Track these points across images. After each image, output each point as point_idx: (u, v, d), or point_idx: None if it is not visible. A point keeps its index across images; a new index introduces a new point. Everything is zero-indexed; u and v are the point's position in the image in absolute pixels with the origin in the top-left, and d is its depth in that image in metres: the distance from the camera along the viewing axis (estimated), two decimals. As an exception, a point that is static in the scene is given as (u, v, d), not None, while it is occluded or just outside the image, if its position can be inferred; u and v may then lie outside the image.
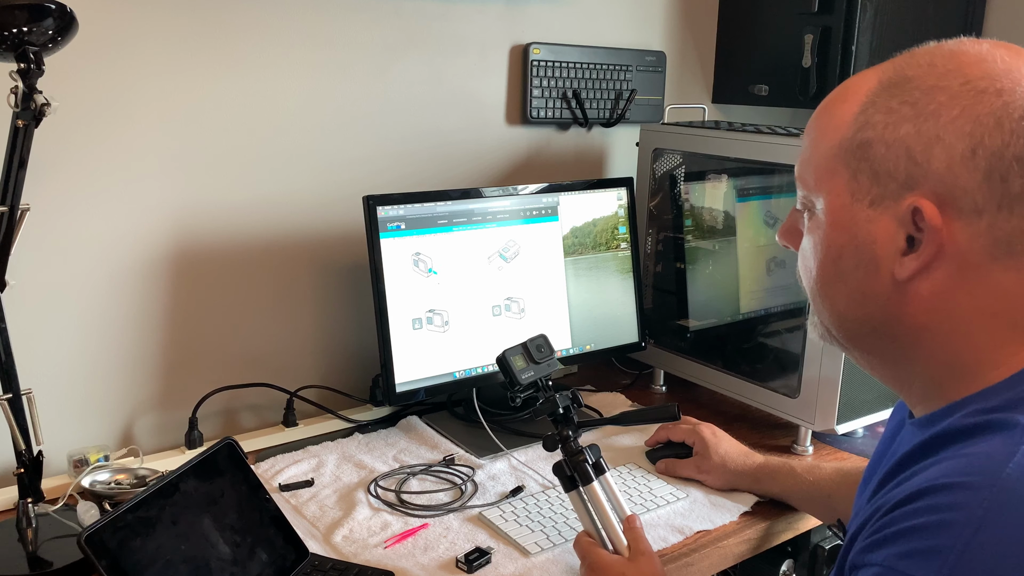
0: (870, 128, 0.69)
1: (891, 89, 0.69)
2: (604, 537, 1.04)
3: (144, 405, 1.38)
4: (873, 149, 0.69)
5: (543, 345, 1.16)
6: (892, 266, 0.69)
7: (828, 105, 0.75)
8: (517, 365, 1.14)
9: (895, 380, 0.77)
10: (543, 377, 1.15)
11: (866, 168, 0.69)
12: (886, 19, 1.72)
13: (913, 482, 0.64)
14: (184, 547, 0.94)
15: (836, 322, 0.76)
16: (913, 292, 0.69)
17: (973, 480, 0.60)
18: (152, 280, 1.35)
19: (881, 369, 0.77)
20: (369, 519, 1.18)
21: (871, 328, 0.73)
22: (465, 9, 1.58)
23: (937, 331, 0.69)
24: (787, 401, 1.43)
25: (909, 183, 0.67)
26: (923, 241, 0.67)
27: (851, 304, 0.73)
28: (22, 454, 1.08)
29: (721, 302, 1.66)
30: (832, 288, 0.74)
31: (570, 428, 1.10)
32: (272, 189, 1.44)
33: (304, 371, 1.52)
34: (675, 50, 1.89)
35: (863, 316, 0.73)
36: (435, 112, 1.58)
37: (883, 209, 0.69)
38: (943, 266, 0.67)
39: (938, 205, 0.66)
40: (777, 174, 1.53)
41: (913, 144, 0.66)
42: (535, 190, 1.52)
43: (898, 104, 0.68)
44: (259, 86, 1.39)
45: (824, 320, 0.78)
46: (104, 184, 1.28)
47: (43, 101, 0.99)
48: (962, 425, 0.67)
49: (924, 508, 0.61)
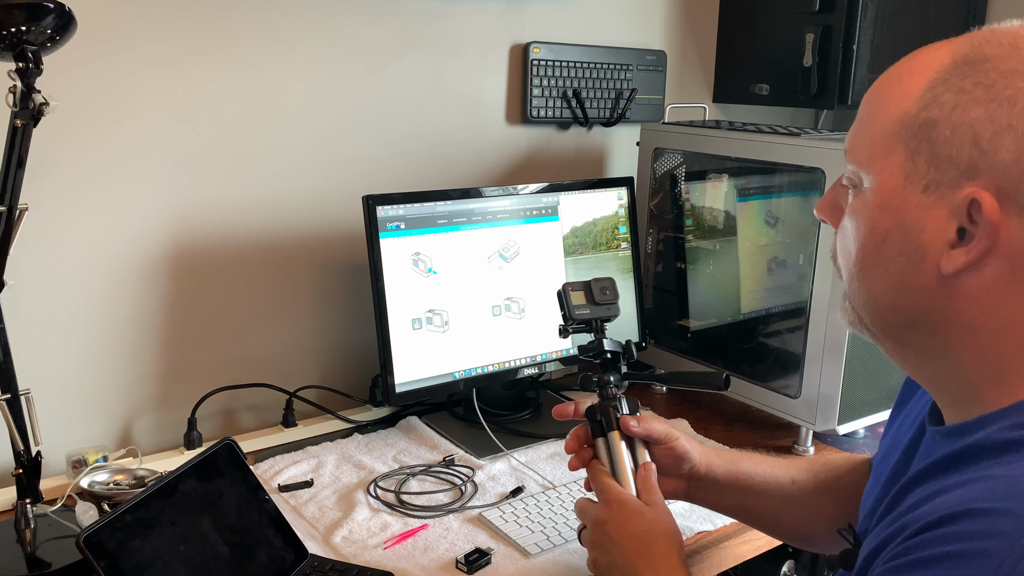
0: (936, 107, 0.64)
1: (965, 68, 0.64)
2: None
3: (143, 405, 1.38)
4: (937, 130, 0.64)
5: (608, 288, 1.09)
6: (939, 258, 0.64)
7: (894, 76, 0.69)
8: (575, 300, 1.07)
9: (929, 377, 0.72)
10: (598, 319, 1.08)
11: (926, 150, 0.64)
12: (887, 18, 1.72)
13: (944, 501, 0.61)
14: (183, 548, 0.93)
15: (871, 309, 0.71)
16: (958, 287, 0.64)
17: (1011, 506, 0.56)
18: (151, 280, 1.35)
19: (915, 363, 0.72)
20: (369, 520, 1.17)
21: (908, 320, 0.69)
22: (465, 8, 1.57)
23: (982, 330, 0.65)
24: (788, 401, 1.43)
25: (970, 171, 0.62)
26: (976, 235, 0.62)
27: (890, 292, 0.68)
28: (20, 454, 1.08)
29: (722, 302, 1.65)
30: (871, 273, 0.69)
31: (613, 375, 1.05)
32: (272, 188, 1.43)
33: (303, 371, 1.51)
34: (676, 49, 1.89)
35: (901, 306, 0.68)
36: (435, 112, 1.58)
37: (938, 196, 0.64)
38: (995, 263, 0.63)
39: (998, 199, 0.61)
40: (778, 174, 1.53)
41: (981, 130, 0.62)
42: (535, 190, 1.52)
43: (971, 85, 0.63)
44: (259, 85, 1.39)
45: (857, 306, 0.73)
46: (103, 184, 1.28)
47: (42, 100, 0.99)
48: (998, 440, 0.62)
49: (958, 534, 0.57)
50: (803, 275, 1.44)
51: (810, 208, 1.42)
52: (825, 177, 1.33)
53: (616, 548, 0.93)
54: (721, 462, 1.05)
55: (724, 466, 1.05)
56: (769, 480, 1.05)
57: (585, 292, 1.08)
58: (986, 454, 0.62)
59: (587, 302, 1.08)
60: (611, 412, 1.01)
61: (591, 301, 1.08)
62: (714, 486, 1.05)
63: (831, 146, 1.32)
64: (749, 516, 1.09)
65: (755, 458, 1.08)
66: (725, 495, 1.05)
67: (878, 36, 1.71)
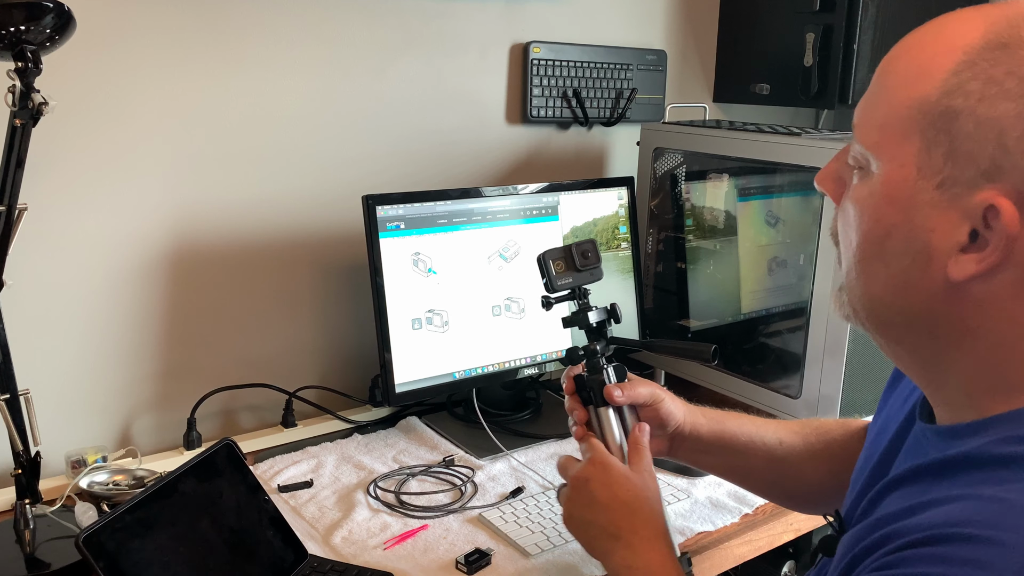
0: (961, 96, 0.58)
1: (997, 52, 0.57)
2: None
3: (142, 406, 1.38)
4: (959, 122, 0.58)
5: (590, 251, 1.04)
6: (947, 261, 0.59)
7: (915, 48, 0.62)
8: (555, 270, 1.02)
9: (923, 376, 0.68)
10: (580, 286, 1.04)
11: (944, 143, 0.58)
12: (888, 18, 1.71)
13: (932, 517, 0.57)
14: (182, 548, 0.93)
15: (867, 304, 0.67)
16: (964, 292, 0.60)
17: (1003, 537, 0.53)
18: (151, 280, 1.35)
19: (909, 362, 0.69)
20: (368, 520, 1.17)
21: (907, 319, 0.64)
22: (465, 8, 1.57)
23: (985, 337, 0.61)
24: (788, 401, 1.42)
25: (991, 173, 0.57)
26: (991, 242, 0.58)
27: (889, 290, 0.64)
28: (20, 455, 1.07)
29: (722, 302, 1.65)
30: (871, 267, 0.65)
31: (599, 343, 1.02)
32: (271, 188, 1.43)
33: (303, 371, 1.51)
34: (676, 49, 1.89)
35: (901, 305, 0.64)
36: (435, 111, 1.58)
37: (952, 196, 0.58)
38: (1007, 273, 0.58)
39: (1018, 206, 0.56)
40: (778, 173, 1.53)
41: (1009, 128, 0.56)
42: (535, 190, 1.52)
43: (1003, 74, 0.56)
44: (258, 85, 1.38)
45: (853, 299, 0.68)
46: (102, 183, 1.28)
47: (41, 100, 0.98)
48: (991, 454, 0.59)
49: (945, 557, 0.54)
50: (803, 275, 1.44)
51: (811, 208, 1.42)
52: (826, 177, 1.32)
53: (598, 507, 0.90)
54: (706, 421, 1.03)
55: (709, 425, 1.03)
56: (755, 439, 1.02)
57: (566, 259, 1.03)
58: (977, 467, 0.59)
59: (568, 269, 1.03)
60: (597, 384, 1.00)
61: (572, 268, 1.03)
62: (698, 444, 1.03)
63: (832, 146, 1.32)
64: (733, 474, 1.07)
65: (742, 418, 1.05)
66: (710, 453, 1.03)
67: (878, 36, 1.71)
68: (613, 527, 0.89)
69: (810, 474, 1.01)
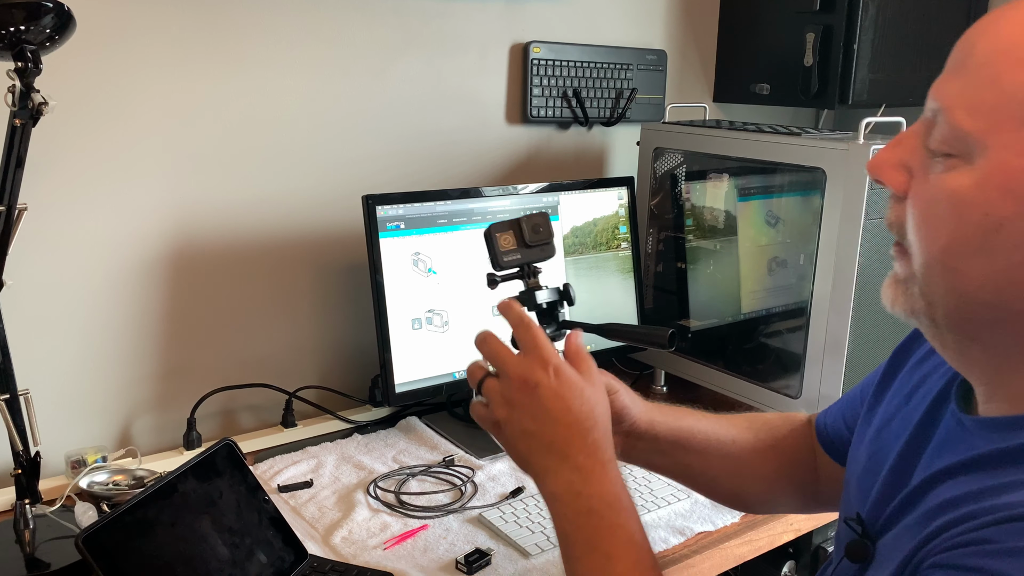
0: None
1: None
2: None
3: (142, 406, 1.38)
4: None
5: (541, 226, 0.94)
6: None
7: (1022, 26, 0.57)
8: (503, 245, 0.93)
9: (986, 371, 0.64)
10: (529, 263, 0.94)
11: None
12: (888, 18, 1.71)
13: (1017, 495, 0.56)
14: (182, 548, 0.93)
15: (952, 301, 0.61)
16: None
17: None
18: (150, 280, 1.35)
19: (977, 358, 0.64)
20: (368, 520, 1.17)
21: (996, 316, 0.60)
22: (465, 8, 1.57)
23: None
24: (789, 402, 1.42)
25: None
26: None
27: (987, 285, 0.59)
28: (19, 455, 1.07)
29: (722, 302, 1.65)
30: (967, 262, 0.59)
31: (551, 328, 0.93)
32: (271, 188, 1.43)
33: (303, 371, 1.51)
34: (676, 49, 1.89)
35: (996, 302, 0.59)
36: (435, 111, 1.58)
37: None
38: None
39: None
40: (779, 173, 1.53)
41: None
42: (535, 189, 1.52)
43: None
44: (258, 85, 1.38)
45: (932, 293, 0.62)
46: (102, 183, 1.28)
47: (40, 100, 0.98)
48: None
49: None
50: (804, 275, 1.44)
51: (811, 208, 1.42)
52: (826, 177, 1.32)
53: (547, 419, 0.78)
54: (664, 418, 0.95)
55: (667, 422, 0.95)
56: (711, 438, 0.96)
57: (515, 233, 0.93)
58: None
59: (517, 245, 0.93)
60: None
61: (522, 244, 0.93)
62: (654, 444, 0.94)
63: (832, 146, 1.32)
64: (684, 475, 0.99)
65: (697, 414, 0.98)
66: (665, 454, 0.95)
67: (878, 36, 1.71)
68: (562, 443, 0.77)
69: (759, 471, 0.96)
